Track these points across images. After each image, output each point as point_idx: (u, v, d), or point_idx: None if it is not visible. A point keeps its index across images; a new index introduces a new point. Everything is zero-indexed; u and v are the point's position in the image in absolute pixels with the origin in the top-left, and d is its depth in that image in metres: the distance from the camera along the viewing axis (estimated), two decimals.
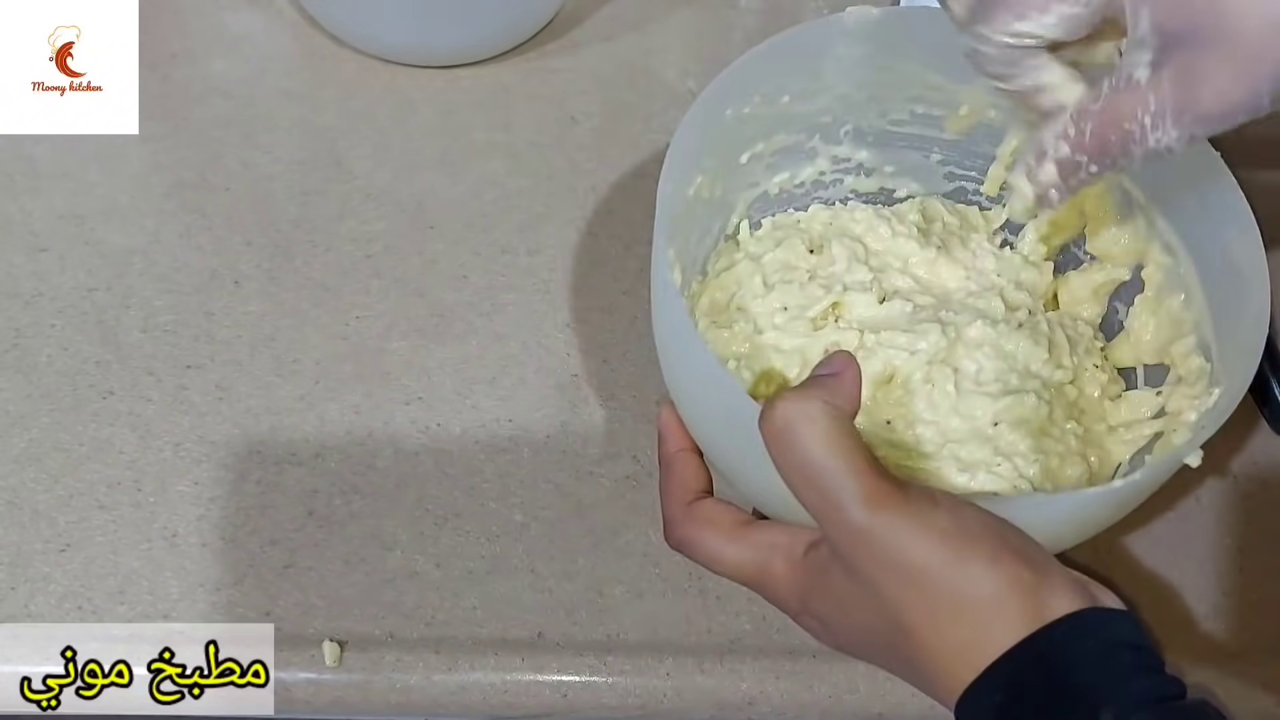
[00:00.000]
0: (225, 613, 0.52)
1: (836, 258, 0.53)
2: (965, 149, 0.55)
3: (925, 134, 0.55)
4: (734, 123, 0.50)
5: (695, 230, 0.52)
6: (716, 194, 0.52)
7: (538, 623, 0.53)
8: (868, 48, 0.51)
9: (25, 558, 0.53)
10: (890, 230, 0.54)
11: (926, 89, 0.53)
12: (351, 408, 0.58)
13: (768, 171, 0.54)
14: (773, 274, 0.52)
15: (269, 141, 0.67)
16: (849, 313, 0.51)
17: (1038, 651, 0.36)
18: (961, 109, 0.53)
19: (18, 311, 0.60)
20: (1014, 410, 0.47)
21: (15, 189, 0.64)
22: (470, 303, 0.62)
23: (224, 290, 0.61)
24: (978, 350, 0.49)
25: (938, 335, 0.49)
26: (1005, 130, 0.54)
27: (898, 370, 0.49)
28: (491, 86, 0.70)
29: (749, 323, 0.51)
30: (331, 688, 0.51)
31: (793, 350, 0.50)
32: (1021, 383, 0.48)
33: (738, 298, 0.52)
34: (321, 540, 0.54)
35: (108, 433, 0.57)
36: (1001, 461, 0.47)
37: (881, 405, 0.49)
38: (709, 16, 0.74)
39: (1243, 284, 0.46)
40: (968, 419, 0.48)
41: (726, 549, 0.44)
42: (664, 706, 0.52)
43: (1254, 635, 0.55)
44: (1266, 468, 0.60)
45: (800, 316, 0.51)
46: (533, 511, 0.55)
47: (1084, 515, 0.43)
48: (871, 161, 0.56)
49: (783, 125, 0.53)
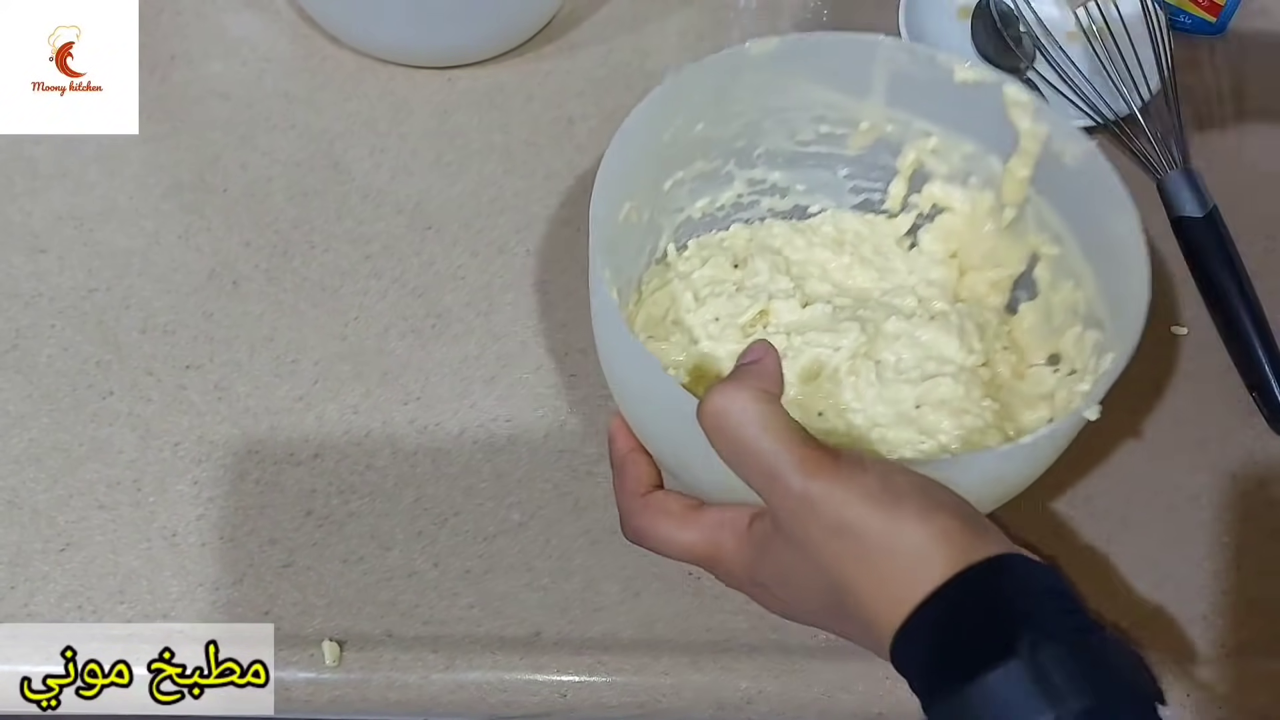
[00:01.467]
0: (224, 612, 0.52)
1: (759, 270, 0.57)
2: (868, 163, 0.59)
3: (832, 152, 0.59)
4: (655, 151, 0.54)
5: (629, 252, 0.56)
6: (645, 218, 0.56)
7: (535, 621, 0.53)
8: (771, 74, 0.55)
9: (25, 557, 0.53)
10: (806, 242, 0.58)
11: (828, 108, 0.57)
12: (350, 408, 0.58)
13: (690, 196, 0.58)
14: (702, 289, 0.56)
15: (267, 143, 0.67)
16: (776, 318, 0.55)
17: (965, 588, 0.39)
18: (862, 124, 0.57)
19: (18, 312, 0.60)
20: (933, 393, 0.52)
21: (15, 190, 0.65)
22: (468, 303, 0.62)
23: (223, 291, 0.62)
24: (895, 342, 0.53)
25: (857, 332, 0.53)
26: (902, 144, 0.58)
27: (824, 366, 0.53)
28: (489, 88, 0.70)
29: (685, 334, 0.55)
30: (330, 687, 0.51)
31: (727, 356, 0.54)
32: (938, 368, 0.52)
33: (672, 312, 0.56)
34: (320, 540, 0.54)
35: (107, 433, 0.57)
36: (926, 440, 0.51)
37: (813, 399, 0.52)
38: (706, 18, 0.74)
39: (1125, 257, 0.49)
40: (892, 404, 0.52)
41: (679, 533, 0.46)
42: (661, 705, 0.52)
43: (1252, 633, 0.55)
44: (1265, 467, 0.60)
45: (731, 325, 0.55)
46: (530, 510, 0.56)
47: (998, 473, 0.46)
48: (784, 181, 0.60)
49: (700, 152, 0.57)
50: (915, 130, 0.57)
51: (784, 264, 0.57)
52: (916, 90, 0.56)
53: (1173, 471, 0.59)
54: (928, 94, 0.55)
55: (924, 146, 0.57)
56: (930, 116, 0.57)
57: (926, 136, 0.57)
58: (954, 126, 0.56)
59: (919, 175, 0.59)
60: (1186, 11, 0.73)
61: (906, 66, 0.55)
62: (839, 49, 0.55)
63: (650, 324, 0.56)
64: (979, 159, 0.57)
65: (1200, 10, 0.73)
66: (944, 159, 0.58)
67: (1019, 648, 0.37)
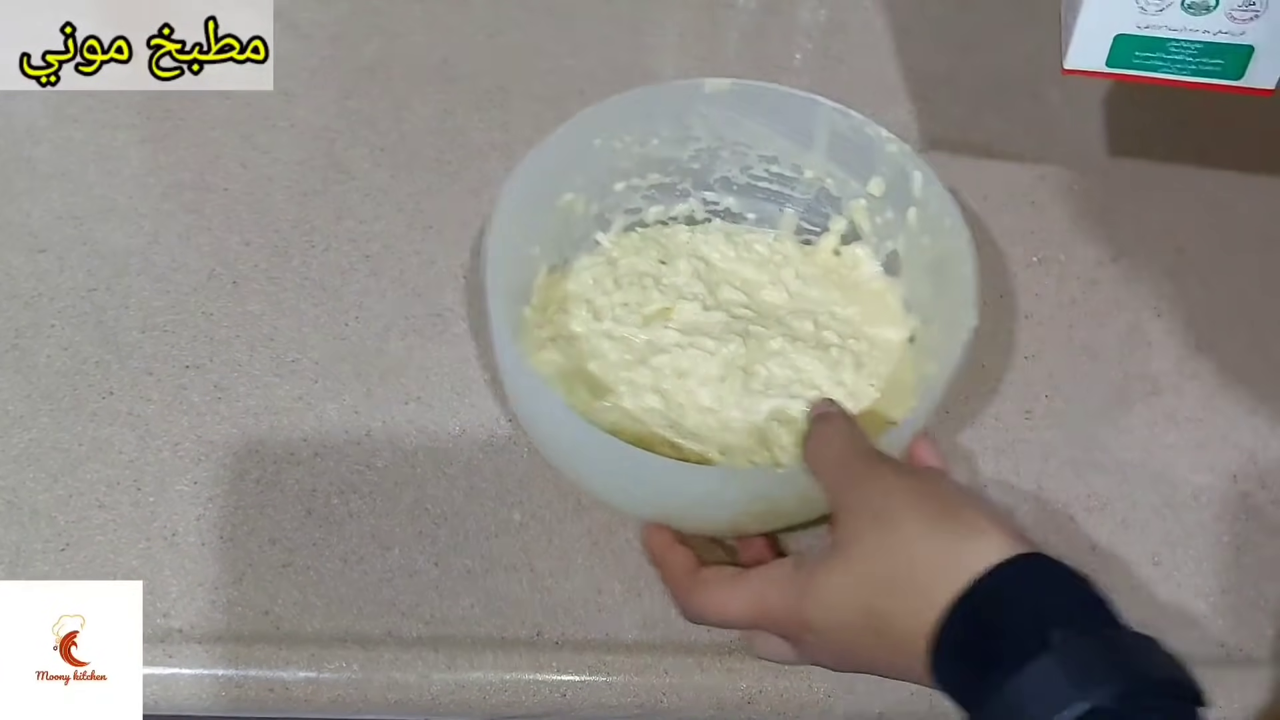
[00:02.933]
0: (224, 612, 0.52)
1: (680, 270, 0.61)
2: (813, 208, 0.63)
3: (781, 190, 0.63)
4: (605, 152, 0.60)
5: (568, 237, 0.61)
6: (592, 211, 0.61)
7: (536, 621, 0.53)
8: (726, 111, 0.60)
9: (25, 558, 0.53)
10: (737, 254, 0.63)
11: (779, 151, 0.62)
12: (350, 407, 0.58)
13: (645, 201, 0.63)
14: (624, 276, 0.61)
15: (267, 142, 0.67)
16: (678, 316, 0.59)
17: (994, 588, 0.40)
18: (806, 172, 0.62)
19: (18, 311, 0.60)
20: (787, 411, 0.56)
21: (15, 189, 0.64)
22: (468, 302, 0.62)
23: (223, 290, 0.62)
24: (771, 359, 0.57)
25: (739, 344, 0.57)
26: (841, 199, 0.62)
27: (697, 366, 0.57)
28: (488, 87, 0.70)
29: (593, 312, 0.59)
30: (330, 687, 0.51)
31: (620, 338, 0.58)
32: (801, 391, 0.57)
33: (589, 290, 0.60)
34: (320, 539, 0.54)
35: (107, 433, 0.57)
36: (763, 451, 0.55)
37: (678, 391, 0.57)
38: (706, 18, 0.74)
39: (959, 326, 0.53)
40: (747, 413, 0.56)
41: (730, 598, 0.48)
42: (663, 705, 0.52)
43: (1252, 633, 0.55)
44: (1265, 467, 0.60)
45: (636, 313, 0.59)
46: (531, 510, 0.56)
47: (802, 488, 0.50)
48: (738, 208, 0.64)
49: (656, 166, 0.62)
50: (852, 189, 0.61)
51: (705, 270, 0.62)
52: (852, 152, 0.60)
53: (1173, 471, 0.59)
54: (862, 157, 0.60)
55: (858, 206, 0.61)
56: (862, 179, 0.60)
57: (858, 198, 0.61)
58: (882, 193, 0.60)
59: (850, 231, 0.62)
60: None
61: (842, 128, 0.59)
62: (784, 102, 0.60)
63: (567, 299, 0.60)
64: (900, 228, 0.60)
65: None
66: (869, 221, 0.61)
67: (1052, 642, 0.38)
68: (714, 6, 0.75)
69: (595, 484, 0.54)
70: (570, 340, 0.58)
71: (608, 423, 0.55)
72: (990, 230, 0.67)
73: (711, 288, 0.61)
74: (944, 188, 0.56)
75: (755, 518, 0.52)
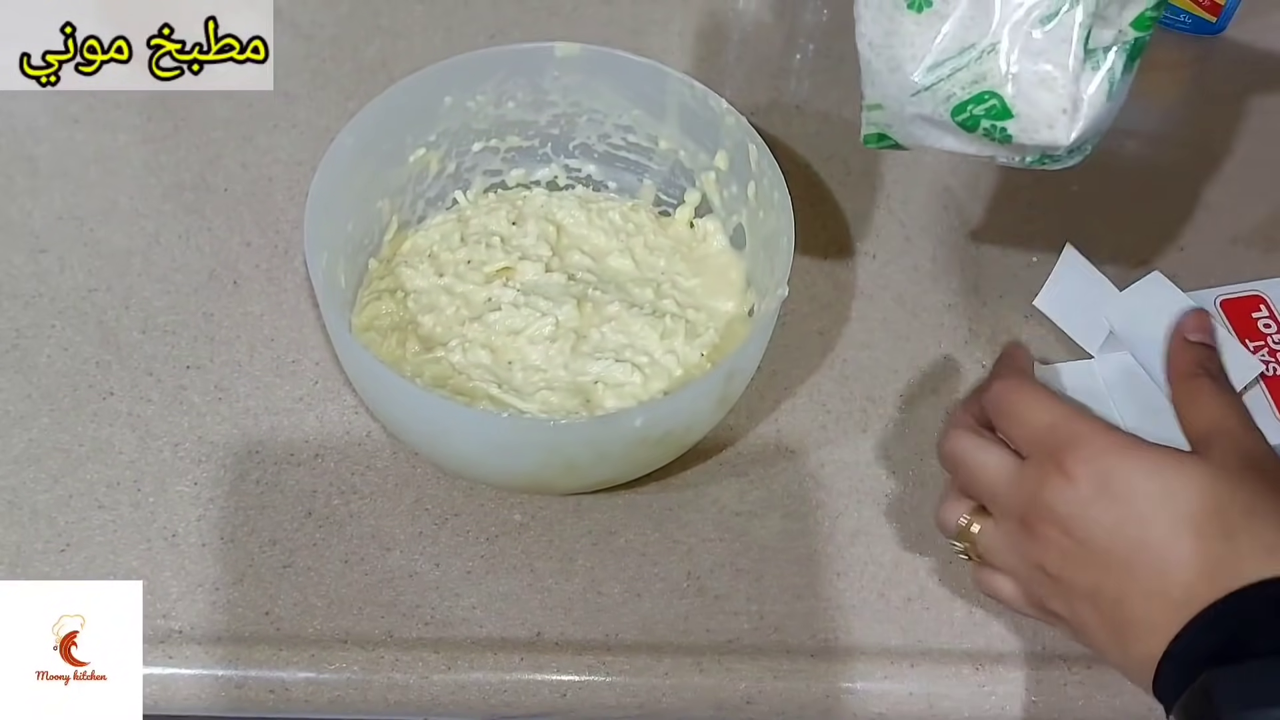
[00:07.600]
0: (224, 612, 0.52)
1: (528, 233, 0.62)
2: (670, 180, 0.63)
3: (639, 161, 0.63)
4: (458, 111, 0.60)
5: (421, 193, 0.62)
6: (448, 169, 0.62)
7: (536, 622, 0.53)
8: (579, 77, 0.60)
9: (25, 558, 0.53)
10: (589, 219, 0.63)
11: (635, 121, 0.62)
12: (351, 408, 0.58)
13: (506, 164, 0.64)
14: (472, 234, 0.62)
15: (268, 142, 0.67)
16: (518, 276, 0.60)
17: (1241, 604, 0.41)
18: (661, 143, 0.62)
19: (18, 312, 0.60)
20: (613, 375, 0.57)
21: (15, 189, 0.64)
22: None
23: (223, 291, 0.62)
24: (606, 324, 0.58)
25: (573, 307, 0.58)
26: (694, 172, 0.62)
27: (529, 325, 0.58)
28: None
29: (436, 268, 0.61)
30: (331, 687, 0.51)
31: (459, 294, 0.60)
32: (631, 356, 0.57)
33: (435, 245, 0.62)
34: (320, 540, 0.54)
35: (107, 433, 0.57)
36: (584, 412, 0.56)
37: (508, 350, 0.58)
38: (707, 19, 0.74)
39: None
40: (575, 373, 0.57)
41: (1046, 398, 0.49)
42: (662, 706, 0.52)
43: None
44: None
45: (478, 269, 0.60)
46: (531, 511, 0.56)
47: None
48: (599, 175, 0.65)
49: (514, 129, 0.62)
50: (702, 161, 0.61)
51: (554, 234, 0.62)
52: (699, 124, 0.60)
53: None
54: (708, 130, 0.59)
55: (708, 179, 0.61)
56: (710, 152, 0.60)
57: (708, 171, 0.61)
58: (727, 167, 0.60)
59: (704, 205, 0.63)
60: (1187, 11, 0.73)
61: (689, 101, 0.59)
62: (633, 69, 0.59)
63: (414, 252, 0.61)
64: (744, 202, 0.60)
65: (1200, 10, 0.73)
66: (718, 194, 0.62)
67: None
68: (716, 8, 0.75)
69: (404, 433, 0.55)
70: (411, 294, 0.59)
71: (432, 374, 0.56)
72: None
73: (559, 251, 0.62)
74: (773, 161, 0.56)
75: (558, 472, 0.52)
